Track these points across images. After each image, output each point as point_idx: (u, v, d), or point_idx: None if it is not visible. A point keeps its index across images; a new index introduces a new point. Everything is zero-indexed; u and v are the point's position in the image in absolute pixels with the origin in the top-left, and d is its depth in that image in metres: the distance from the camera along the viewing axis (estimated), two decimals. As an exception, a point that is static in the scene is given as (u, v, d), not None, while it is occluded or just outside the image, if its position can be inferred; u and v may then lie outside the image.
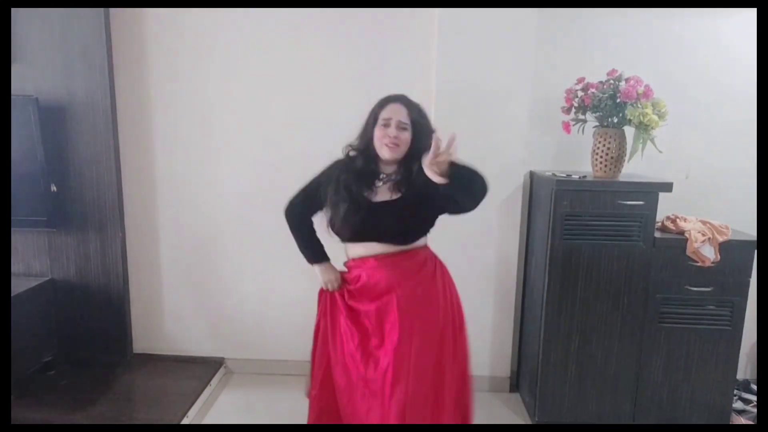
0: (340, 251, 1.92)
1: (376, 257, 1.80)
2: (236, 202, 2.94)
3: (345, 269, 1.92)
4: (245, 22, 2.77)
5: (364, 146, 1.81)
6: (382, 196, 1.79)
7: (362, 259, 1.84)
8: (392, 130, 1.75)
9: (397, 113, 1.76)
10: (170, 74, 2.84)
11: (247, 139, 2.89)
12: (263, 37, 2.79)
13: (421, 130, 1.78)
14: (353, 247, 1.86)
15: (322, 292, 1.94)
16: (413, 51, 2.76)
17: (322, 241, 1.93)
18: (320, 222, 1.89)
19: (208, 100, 2.86)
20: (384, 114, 1.77)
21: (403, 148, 1.77)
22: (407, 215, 1.77)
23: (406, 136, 1.76)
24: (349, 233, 1.79)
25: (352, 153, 1.84)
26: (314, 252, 1.94)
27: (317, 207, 1.88)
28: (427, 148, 1.63)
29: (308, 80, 2.81)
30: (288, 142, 2.86)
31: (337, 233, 1.82)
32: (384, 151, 1.76)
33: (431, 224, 1.84)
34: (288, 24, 2.76)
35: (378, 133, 1.76)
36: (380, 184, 1.80)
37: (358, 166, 1.81)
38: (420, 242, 1.86)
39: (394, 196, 1.78)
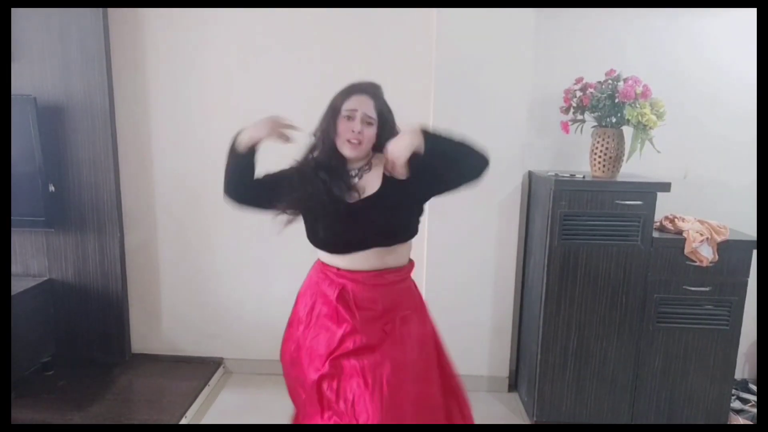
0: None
1: (363, 274, 1.61)
2: (235, 202, 2.93)
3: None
4: (244, 21, 2.76)
5: (325, 141, 1.61)
6: (355, 195, 1.61)
7: (348, 271, 1.64)
8: (357, 125, 1.57)
9: (362, 105, 1.58)
10: (169, 74, 2.84)
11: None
12: (262, 37, 2.78)
13: (385, 126, 1.62)
14: (334, 258, 1.66)
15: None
16: (412, 51, 2.75)
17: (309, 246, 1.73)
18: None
19: (207, 99, 2.85)
20: (348, 105, 1.58)
21: (366, 146, 1.60)
22: (391, 210, 1.60)
23: (371, 132, 1.59)
24: (336, 244, 1.61)
25: (314, 153, 1.65)
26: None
27: (271, 195, 1.66)
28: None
29: (307, 81, 2.80)
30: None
31: (323, 246, 1.65)
32: (345, 149, 1.58)
33: (417, 217, 1.66)
34: (287, 23, 2.76)
35: (341, 126, 1.58)
36: (356, 180, 1.62)
37: (327, 164, 1.61)
38: (405, 254, 1.69)
39: (369, 192, 1.61)
